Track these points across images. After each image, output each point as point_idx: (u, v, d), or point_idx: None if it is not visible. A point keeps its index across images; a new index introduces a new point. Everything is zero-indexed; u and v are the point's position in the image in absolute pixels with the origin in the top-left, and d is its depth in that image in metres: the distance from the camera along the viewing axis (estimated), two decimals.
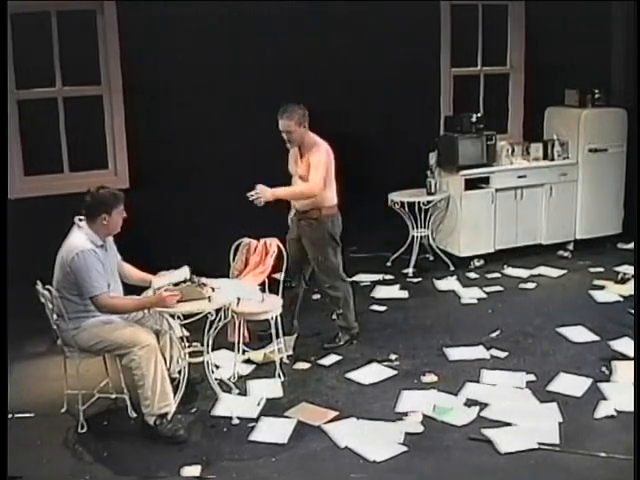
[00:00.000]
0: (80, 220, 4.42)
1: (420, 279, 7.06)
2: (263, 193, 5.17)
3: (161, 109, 6.96)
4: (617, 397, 4.64)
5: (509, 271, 7.19)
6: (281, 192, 5.30)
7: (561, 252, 7.65)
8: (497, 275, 7.11)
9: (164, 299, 4.32)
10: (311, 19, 7.31)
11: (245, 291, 4.93)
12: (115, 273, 4.53)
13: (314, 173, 5.31)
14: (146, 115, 6.90)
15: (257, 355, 5.38)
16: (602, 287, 6.69)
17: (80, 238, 4.34)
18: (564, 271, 7.15)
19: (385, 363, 5.28)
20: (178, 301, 4.36)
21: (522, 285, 6.84)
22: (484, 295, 6.61)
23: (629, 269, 6.96)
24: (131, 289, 4.72)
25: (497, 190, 7.34)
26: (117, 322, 4.43)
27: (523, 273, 7.12)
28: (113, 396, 4.71)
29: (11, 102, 6.60)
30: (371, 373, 5.14)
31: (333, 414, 4.57)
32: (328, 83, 7.48)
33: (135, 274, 4.71)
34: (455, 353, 5.41)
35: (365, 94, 7.62)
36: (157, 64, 6.90)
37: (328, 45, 7.40)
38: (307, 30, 7.33)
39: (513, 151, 7.58)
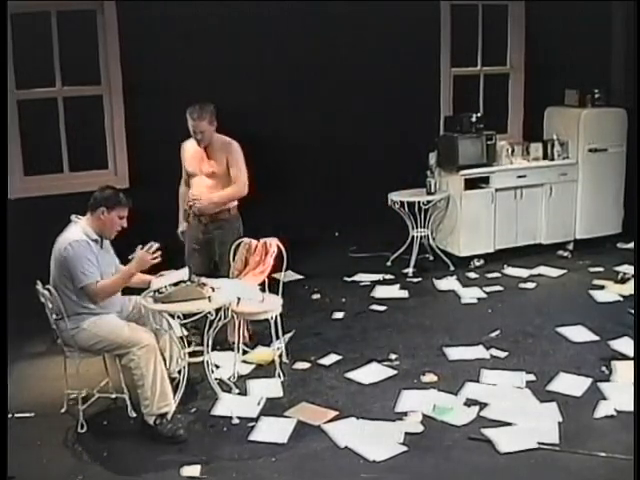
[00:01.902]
0: (76, 217, 4.48)
1: (420, 279, 7.06)
2: (200, 199, 5.38)
3: (161, 109, 6.95)
4: (617, 397, 4.63)
5: (509, 271, 7.19)
6: (216, 197, 5.41)
7: (561, 252, 7.65)
8: (497, 275, 7.10)
9: (144, 258, 4.38)
10: (311, 19, 7.31)
11: (245, 291, 4.93)
12: (109, 273, 4.50)
13: (239, 174, 5.40)
14: (146, 115, 6.90)
15: (257, 355, 5.38)
16: (602, 287, 6.69)
17: (74, 231, 4.40)
18: (564, 271, 7.15)
19: (385, 363, 5.27)
20: (178, 301, 4.37)
21: (522, 285, 6.83)
22: (484, 295, 6.61)
23: (629, 269, 6.95)
24: (131, 291, 4.71)
25: (497, 190, 7.33)
26: (117, 322, 4.43)
27: (523, 273, 7.11)
28: (113, 396, 4.71)
29: (11, 102, 6.60)
30: (371, 373, 5.13)
31: (333, 414, 4.56)
32: (328, 83, 7.48)
33: (134, 277, 4.70)
34: (455, 353, 5.40)
35: (365, 94, 7.63)
36: (157, 64, 6.91)
37: (328, 45, 7.41)
38: (307, 30, 7.34)
39: (513, 151, 7.58)
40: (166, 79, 6.94)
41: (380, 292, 6.75)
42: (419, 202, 7.25)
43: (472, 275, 7.12)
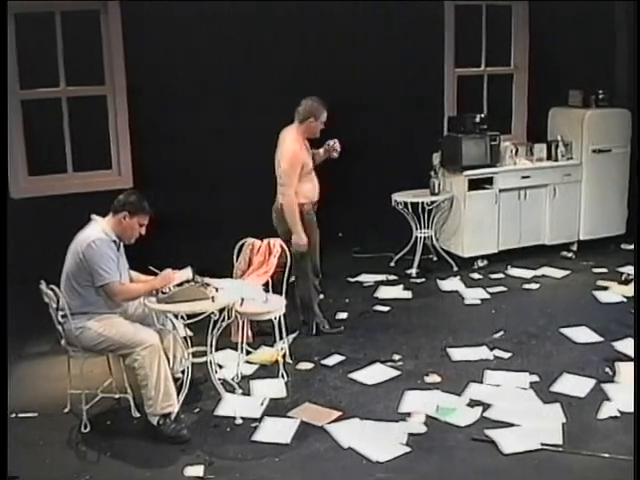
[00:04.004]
0: (96, 216, 4.50)
1: (423, 279, 7.05)
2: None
3: (165, 109, 6.97)
4: (620, 398, 4.62)
5: (513, 272, 7.18)
6: None
7: (565, 253, 7.64)
8: (501, 276, 7.10)
9: (170, 277, 4.44)
10: (313, 19, 7.31)
11: (248, 291, 4.93)
12: (125, 275, 4.53)
13: None
14: (150, 115, 6.91)
15: (260, 355, 5.39)
16: (606, 288, 6.68)
17: (95, 230, 4.41)
18: (568, 272, 7.14)
19: (388, 363, 5.27)
20: (181, 301, 4.38)
21: (526, 286, 6.83)
22: (487, 296, 6.60)
23: (633, 270, 6.94)
24: None
25: (501, 191, 7.33)
26: (121, 322, 4.43)
27: (527, 274, 7.11)
28: (116, 396, 4.72)
29: (15, 102, 6.62)
30: (374, 373, 5.13)
31: (336, 414, 4.56)
32: (331, 83, 7.46)
33: (141, 279, 4.71)
34: (458, 353, 5.40)
35: (369, 94, 7.62)
36: (161, 64, 6.91)
37: (331, 45, 7.41)
38: (309, 30, 7.34)
39: (517, 151, 7.57)
40: (170, 79, 6.96)
41: (383, 293, 6.74)
42: (423, 203, 7.24)
43: (476, 276, 7.12)
